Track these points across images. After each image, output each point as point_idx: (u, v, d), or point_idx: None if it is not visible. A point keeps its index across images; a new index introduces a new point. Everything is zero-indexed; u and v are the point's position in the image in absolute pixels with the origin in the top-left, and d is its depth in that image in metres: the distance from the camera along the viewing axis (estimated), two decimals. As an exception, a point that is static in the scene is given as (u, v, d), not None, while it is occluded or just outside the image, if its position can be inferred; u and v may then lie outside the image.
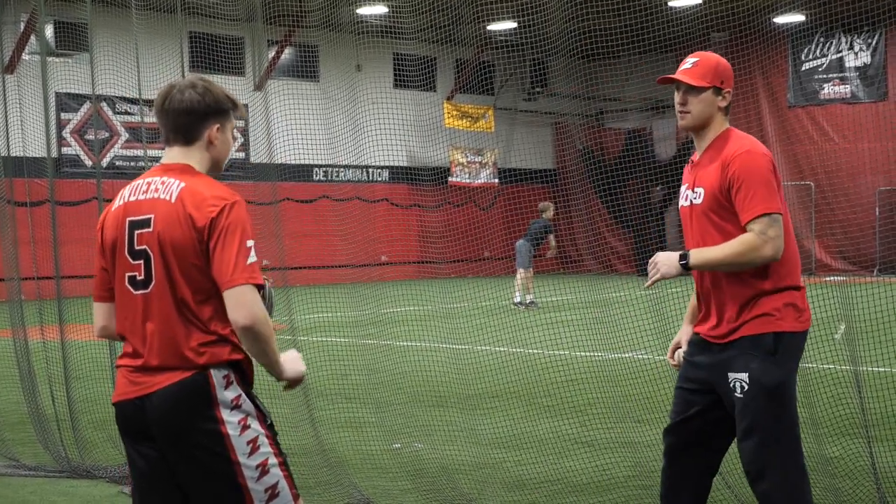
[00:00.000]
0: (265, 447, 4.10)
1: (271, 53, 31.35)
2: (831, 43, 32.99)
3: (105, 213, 4.27)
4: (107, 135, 29.69)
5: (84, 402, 9.42)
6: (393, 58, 31.58)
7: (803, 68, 33.62)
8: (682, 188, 5.18)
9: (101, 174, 10.77)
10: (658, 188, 32.99)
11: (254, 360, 4.13)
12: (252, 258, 4.00)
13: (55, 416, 9.12)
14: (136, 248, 4.10)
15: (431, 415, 9.70)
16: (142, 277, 4.09)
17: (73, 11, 12.15)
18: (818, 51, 33.29)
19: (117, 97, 27.39)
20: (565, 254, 34.50)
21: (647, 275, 5.16)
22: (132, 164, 30.13)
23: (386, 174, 33.93)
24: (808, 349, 7.89)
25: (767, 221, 4.84)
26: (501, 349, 12.82)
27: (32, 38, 26.65)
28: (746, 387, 4.92)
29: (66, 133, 29.22)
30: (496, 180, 35.65)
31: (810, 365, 8.93)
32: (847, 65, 32.84)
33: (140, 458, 4.18)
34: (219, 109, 4.21)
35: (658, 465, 7.76)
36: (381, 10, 25.19)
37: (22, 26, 26.26)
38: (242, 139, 32.88)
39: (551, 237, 23.09)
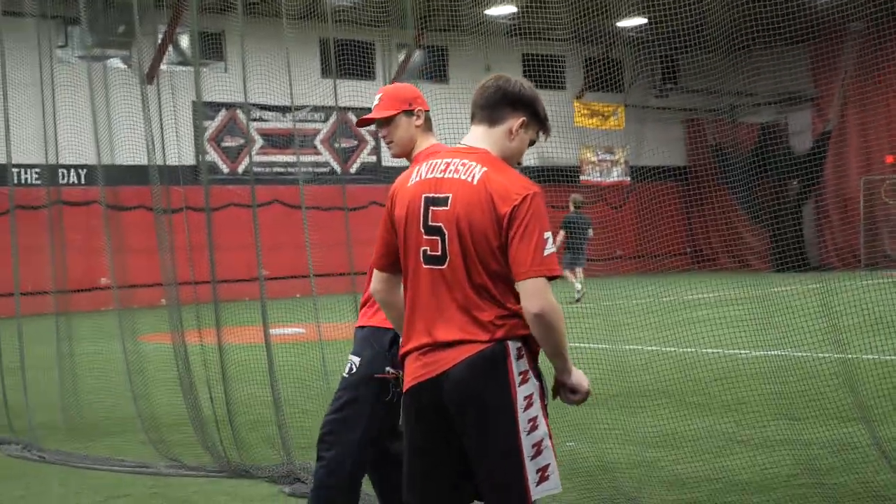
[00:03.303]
0: (542, 427, 4.15)
1: (401, 57, 31.59)
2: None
3: (396, 186, 4.40)
4: (242, 141, 30.21)
5: (238, 403, 9.58)
6: (522, 58, 31.58)
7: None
8: None
9: (254, 180, 10.97)
10: (794, 182, 32.43)
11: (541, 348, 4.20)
12: (549, 249, 4.09)
13: (213, 417, 9.30)
14: (431, 223, 4.20)
15: (582, 413, 9.65)
16: (436, 253, 4.19)
17: (213, 21, 12.35)
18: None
19: (252, 104, 27.85)
20: (699, 251, 34.12)
21: (785, 271, 5.26)
22: (267, 169, 30.62)
23: (517, 174, 33.90)
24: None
25: None
26: (650, 348, 12.73)
27: (170, 48, 27.25)
28: (354, 369, 5.52)
29: (203, 140, 29.79)
30: (628, 178, 35.41)
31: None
32: None
33: (425, 440, 4.26)
34: (533, 110, 4.34)
35: (821, 463, 7.70)
36: (510, 9, 25.21)
37: (160, 38, 26.85)
38: (374, 143, 33.18)
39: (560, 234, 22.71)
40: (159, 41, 26.86)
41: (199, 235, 9.51)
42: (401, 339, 4.37)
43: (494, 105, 4.29)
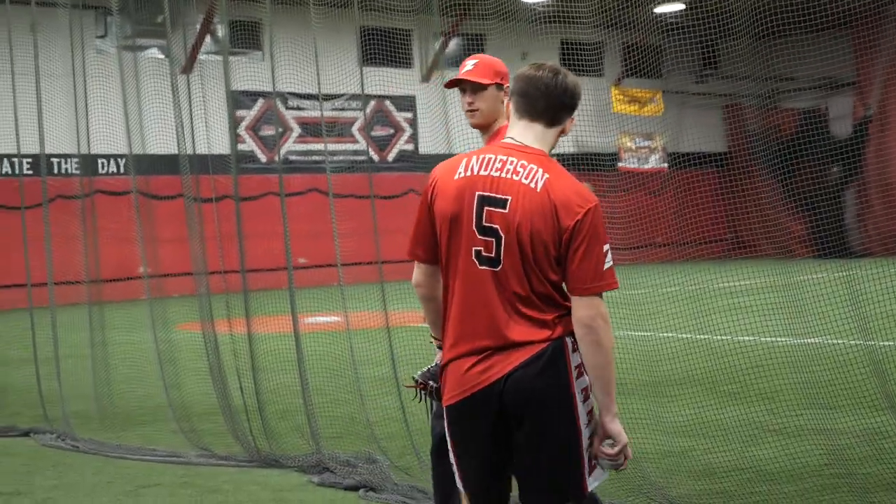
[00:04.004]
0: (595, 418, 4.14)
1: (438, 44, 31.53)
2: None
3: (437, 177, 4.26)
4: (280, 130, 30.27)
5: (269, 393, 9.61)
6: (560, 44, 31.47)
7: None
8: None
9: (281, 169, 10.95)
10: (835, 168, 32.13)
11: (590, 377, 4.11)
12: (608, 262, 4.06)
13: (243, 406, 9.32)
14: (486, 224, 4.10)
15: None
16: (490, 255, 4.10)
17: (246, 10, 12.36)
18: None
19: (290, 93, 27.92)
20: (739, 238, 33.87)
21: (827, 257, 5.15)
22: (305, 158, 30.67)
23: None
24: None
25: None
26: (683, 336, 12.65)
27: (207, 38, 27.31)
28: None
29: (241, 129, 29.88)
30: (666, 165, 35.22)
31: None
32: None
33: (483, 443, 4.20)
34: (576, 106, 4.31)
35: (854, 452, 7.61)
36: (548, -4, 25.08)
37: (198, 27, 26.94)
38: (411, 131, 33.15)
39: None
40: (197, 31, 26.96)
41: (234, 225, 9.54)
42: (443, 341, 4.26)
43: (559, 107, 4.20)
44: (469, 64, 5.36)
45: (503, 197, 4.08)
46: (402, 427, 8.36)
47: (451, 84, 5.38)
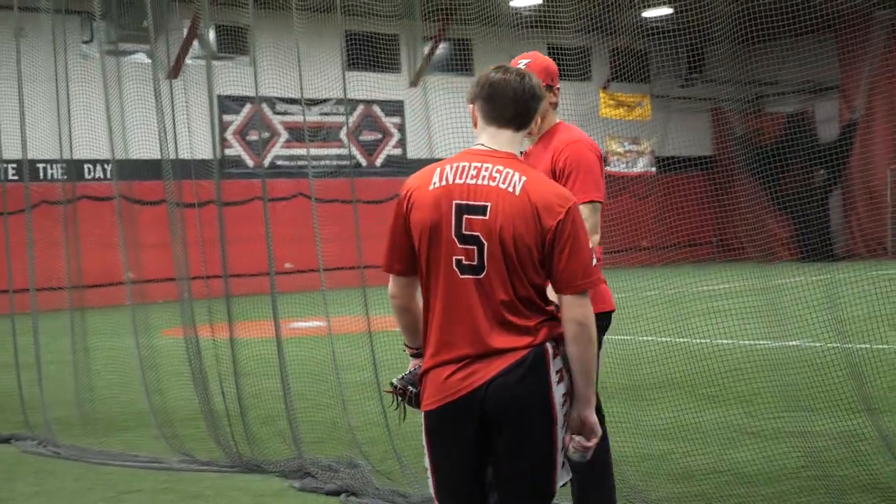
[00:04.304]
0: (573, 414, 4.17)
1: (425, 49, 31.54)
2: None
3: (411, 189, 4.23)
4: (267, 135, 30.26)
5: (251, 398, 9.61)
6: (547, 49, 31.50)
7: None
8: None
9: (265, 174, 10.99)
10: (821, 171, 32.23)
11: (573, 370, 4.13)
12: (594, 260, 4.10)
13: (226, 411, 9.33)
14: (466, 232, 4.09)
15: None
16: (472, 263, 4.08)
17: (233, 15, 12.38)
18: None
19: (277, 98, 27.92)
20: (725, 241, 33.94)
21: (812, 260, 5.19)
22: (293, 163, 30.67)
23: (542, 166, 33.82)
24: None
25: (592, 208, 5.45)
26: (663, 339, 12.71)
27: (195, 42, 27.30)
28: None
29: (228, 134, 29.87)
30: (653, 169, 35.27)
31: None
32: None
33: (465, 452, 4.19)
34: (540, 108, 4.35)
35: (832, 454, 7.65)
36: (535, 0, 25.13)
37: (185, 32, 26.93)
38: (399, 135, 33.15)
39: None
40: (184, 36, 26.95)
41: (228, 229, 9.58)
42: (424, 350, 4.25)
43: (527, 112, 4.22)
44: (521, 63, 5.42)
45: (482, 204, 4.07)
46: (384, 432, 8.36)
47: None
